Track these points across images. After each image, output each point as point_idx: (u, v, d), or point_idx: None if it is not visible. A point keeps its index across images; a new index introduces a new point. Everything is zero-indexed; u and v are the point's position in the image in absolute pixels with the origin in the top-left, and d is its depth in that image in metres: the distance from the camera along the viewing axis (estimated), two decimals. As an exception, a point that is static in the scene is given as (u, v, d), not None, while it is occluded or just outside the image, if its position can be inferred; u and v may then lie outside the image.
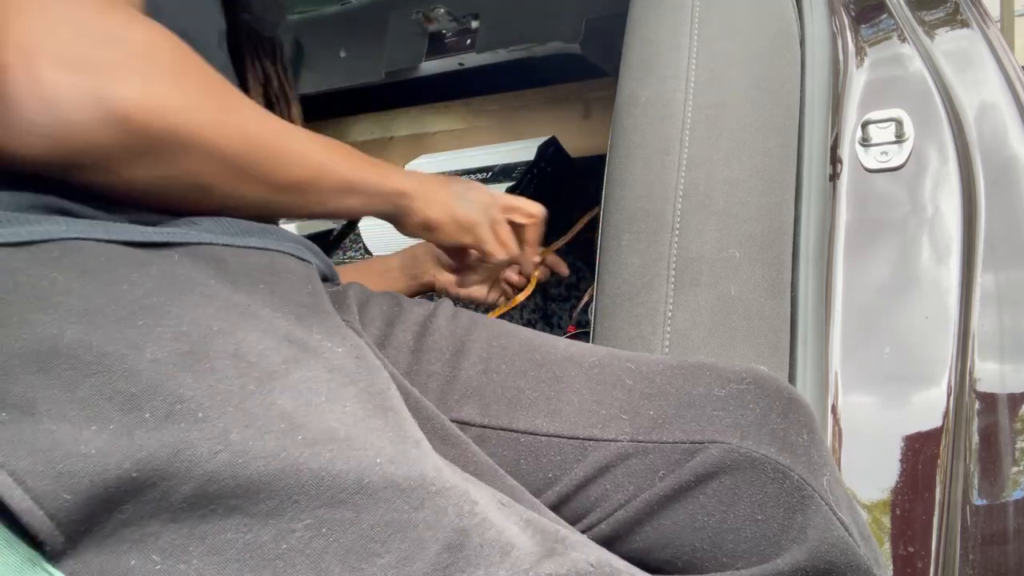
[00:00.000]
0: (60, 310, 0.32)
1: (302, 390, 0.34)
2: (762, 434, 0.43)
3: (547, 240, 0.87)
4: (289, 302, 0.42)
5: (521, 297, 0.94)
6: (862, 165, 0.65)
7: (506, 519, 0.35)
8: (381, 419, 0.36)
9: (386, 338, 0.53)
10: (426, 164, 1.35)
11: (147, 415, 0.30)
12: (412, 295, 0.86)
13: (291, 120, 0.69)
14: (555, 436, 0.47)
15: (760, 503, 0.42)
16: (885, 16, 0.72)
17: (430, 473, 0.33)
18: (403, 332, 0.53)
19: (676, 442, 0.45)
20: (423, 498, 0.32)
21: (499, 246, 0.72)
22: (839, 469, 0.57)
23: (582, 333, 1.02)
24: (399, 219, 0.64)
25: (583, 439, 0.46)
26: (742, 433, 0.43)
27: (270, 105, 0.68)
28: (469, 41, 1.13)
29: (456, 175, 1.24)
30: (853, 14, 0.73)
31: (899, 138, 0.65)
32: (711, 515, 0.43)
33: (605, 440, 0.46)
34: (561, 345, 0.52)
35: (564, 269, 0.93)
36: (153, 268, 0.37)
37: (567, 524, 0.42)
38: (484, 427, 0.49)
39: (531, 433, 0.47)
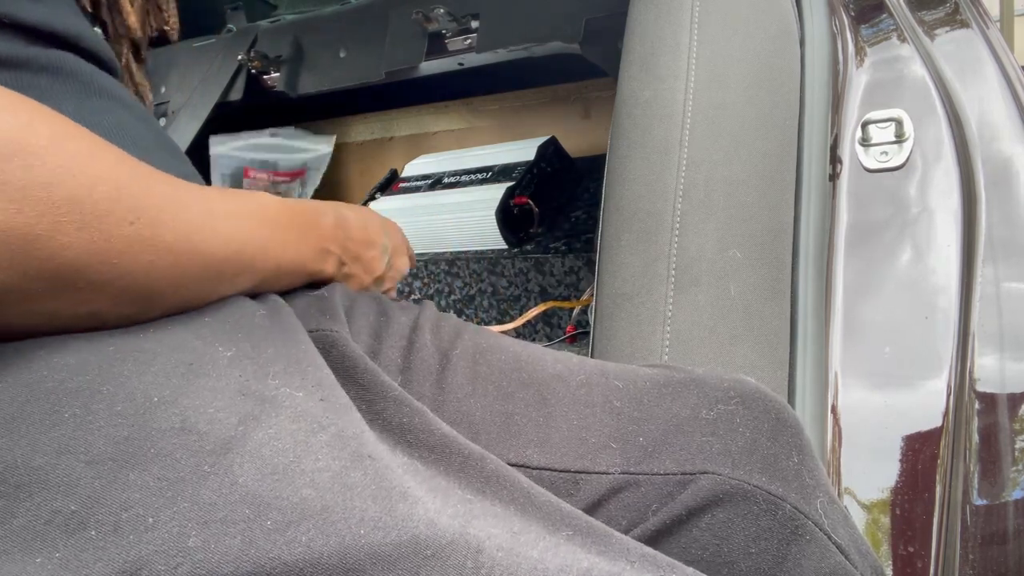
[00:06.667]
0: None
1: (265, 455, 0.31)
2: (753, 461, 0.43)
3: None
4: (240, 329, 0.38)
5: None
6: (862, 165, 0.65)
7: (530, 545, 0.33)
8: (359, 470, 0.32)
9: (375, 354, 0.50)
10: (426, 164, 1.35)
11: (93, 533, 0.27)
12: None
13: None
14: (546, 469, 0.44)
15: (754, 536, 0.41)
16: (885, 16, 0.72)
17: (422, 532, 0.30)
18: (391, 348, 0.50)
19: (667, 473, 0.43)
20: (418, 567, 0.29)
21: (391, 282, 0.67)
22: (839, 469, 0.57)
23: (582, 333, 1.02)
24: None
25: (574, 472, 0.44)
26: (733, 462, 0.43)
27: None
28: (469, 41, 1.13)
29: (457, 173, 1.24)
30: (853, 14, 0.73)
31: (899, 138, 0.65)
32: (705, 549, 0.42)
33: (596, 473, 0.44)
34: (548, 360, 0.49)
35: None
36: (74, 342, 0.32)
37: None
38: None
39: (522, 466, 0.45)
